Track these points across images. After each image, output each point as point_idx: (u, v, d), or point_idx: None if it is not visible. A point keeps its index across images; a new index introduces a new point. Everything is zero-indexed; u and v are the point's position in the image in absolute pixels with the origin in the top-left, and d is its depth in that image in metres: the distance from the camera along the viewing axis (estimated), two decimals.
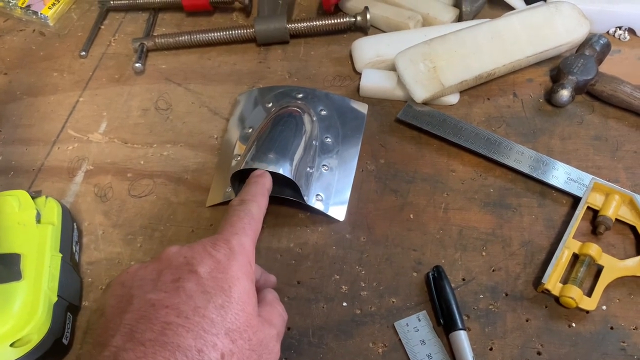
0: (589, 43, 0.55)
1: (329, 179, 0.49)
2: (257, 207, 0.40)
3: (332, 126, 0.52)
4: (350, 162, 0.51)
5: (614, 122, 0.53)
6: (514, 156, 0.49)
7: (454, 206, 0.48)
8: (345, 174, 0.50)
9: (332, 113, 0.53)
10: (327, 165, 0.50)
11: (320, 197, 0.48)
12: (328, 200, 0.48)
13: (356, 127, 0.53)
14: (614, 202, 0.46)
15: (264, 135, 0.47)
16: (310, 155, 0.49)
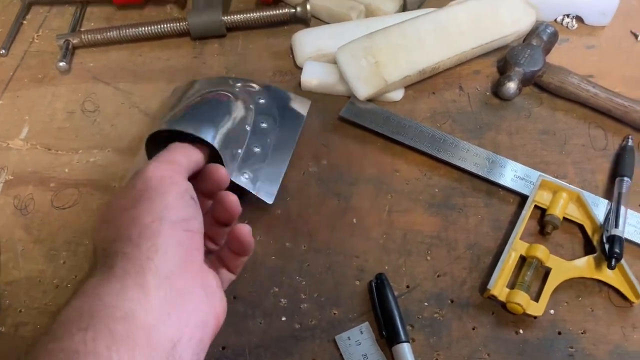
0: (535, 32, 0.53)
1: (260, 161, 0.46)
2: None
3: (270, 114, 0.49)
4: (285, 150, 0.48)
5: (562, 114, 0.51)
6: (459, 154, 0.47)
7: (398, 208, 0.46)
8: (279, 160, 0.47)
9: (272, 103, 0.50)
10: (259, 148, 0.46)
11: (247, 176, 0.44)
12: (256, 181, 0.45)
13: (296, 119, 0.50)
14: (562, 200, 0.44)
15: (189, 106, 0.44)
16: (241, 138, 0.45)
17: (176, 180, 0.34)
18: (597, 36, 0.56)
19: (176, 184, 0.34)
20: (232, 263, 0.37)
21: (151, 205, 0.32)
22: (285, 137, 0.49)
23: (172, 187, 0.33)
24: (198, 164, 0.38)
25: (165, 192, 0.33)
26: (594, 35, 0.57)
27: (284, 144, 0.48)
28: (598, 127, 0.50)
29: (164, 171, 0.34)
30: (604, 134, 0.50)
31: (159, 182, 0.33)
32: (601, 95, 0.50)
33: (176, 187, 0.34)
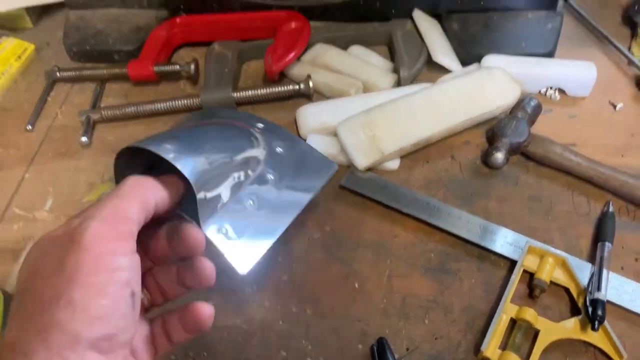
0: (520, 105, 0.58)
1: (249, 217, 0.39)
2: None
3: (283, 166, 0.43)
4: (283, 215, 0.41)
5: (547, 182, 0.55)
6: (453, 221, 0.51)
7: (397, 273, 0.49)
8: (272, 224, 0.40)
9: (290, 154, 0.45)
10: (252, 200, 0.40)
11: (225, 231, 0.37)
12: (235, 241, 0.38)
13: (314, 179, 0.45)
14: (548, 264, 0.47)
15: (184, 129, 0.40)
16: (236, 181, 0.39)
17: (117, 263, 0.29)
18: (578, 106, 0.61)
19: (117, 270, 0.28)
20: (176, 335, 0.34)
21: (72, 315, 0.27)
22: (289, 199, 0.43)
23: (111, 277, 0.28)
24: (162, 205, 0.33)
25: (98, 290, 0.27)
26: (576, 105, 0.61)
27: (285, 207, 0.42)
28: (581, 193, 0.54)
29: (106, 241, 0.29)
30: (587, 200, 0.53)
31: (95, 266, 0.28)
32: (583, 164, 0.54)
33: (115, 278, 0.28)
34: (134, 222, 0.31)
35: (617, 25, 0.68)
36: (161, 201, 0.33)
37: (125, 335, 0.29)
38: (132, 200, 0.31)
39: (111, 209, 0.30)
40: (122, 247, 0.29)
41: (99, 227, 0.29)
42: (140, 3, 0.69)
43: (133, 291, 0.29)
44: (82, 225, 0.29)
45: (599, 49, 0.66)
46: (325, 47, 0.65)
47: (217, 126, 0.41)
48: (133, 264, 0.30)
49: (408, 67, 0.62)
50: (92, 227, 0.29)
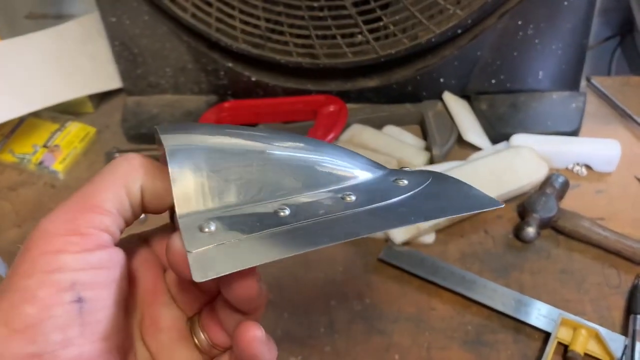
0: (549, 181, 0.61)
1: (270, 221, 0.29)
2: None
3: (383, 192, 0.32)
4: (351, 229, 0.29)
5: (578, 255, 0.57)
6: (488, 294, 0.54)
7: (436, 345, 0.52)
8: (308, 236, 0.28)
9: (415, 183, 0.33)
10: (288, 210, 0.29)
11: (212, 227, 0.27)
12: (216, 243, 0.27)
13: (446, 206, 0.33)
14: (582, 336, 0.49)
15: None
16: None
17: (57, 262, 0.24)
18: (605, 182, 0.64)
19: (54, 271, 0.23)
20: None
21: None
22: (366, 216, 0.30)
23: (44, 279, 0.23)
24: (152, 193, 0.28)
25: (23, 296, 0.23)
26: (602, 181, 0.64)
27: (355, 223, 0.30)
28: (611, 266, 0.56)
29: (53, 237, 0.24)
30: (617, 272, 0.56)
31: (29, 268, 0.23)
32: (611, 238, 0.56)
33: (51, 280, 0.23)
34: (105, 211, 0.26)
35: (639, 103, 0.72)
36: (151, 188, 0.28)
37: (68, 352, 0.23)
38: (107, 184, 0.26)
39: (76, 198, 0.26)
40: (73, 242, 0.24)
41: (50, 222, 0.25)
42: (191, 89, 0.76)
43: (80, 296, 0.24)
44: (40, 221, 0.25)
45: (622, 126, 0.70)
46: (361, 127, 0.70)
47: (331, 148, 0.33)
48: (87, 262, 0.25)
49: (440, 145, 0.66)
50: (41, 222, 0.25)
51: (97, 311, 0.25)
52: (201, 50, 0.70)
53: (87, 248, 0.25)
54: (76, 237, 0.25)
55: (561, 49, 0.66)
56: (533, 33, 0.64)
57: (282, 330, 0.53)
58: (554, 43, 0.65)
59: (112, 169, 0.27)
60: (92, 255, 0.25)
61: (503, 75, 0.69)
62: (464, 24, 0.63)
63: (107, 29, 0.72)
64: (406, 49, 0.65)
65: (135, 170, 0.28)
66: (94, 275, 0.25)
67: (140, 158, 0.28)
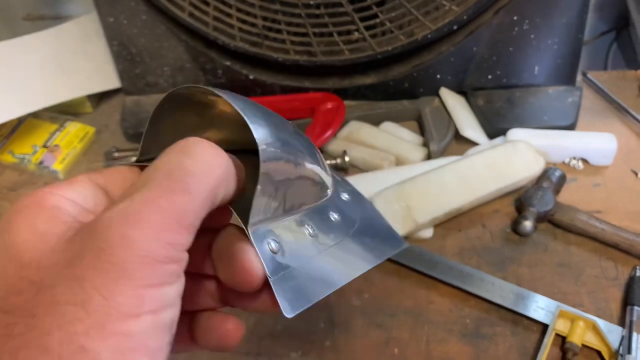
0: (545, 175, 0.61)
1: (306, 245, 0.30)
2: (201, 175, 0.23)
3: (347, 215, 0.34)
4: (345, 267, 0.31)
5: (575, 248, 0.58)
6: (486, 287, 0.54)
7: (434, 338, 0.52)
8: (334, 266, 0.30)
9: (355, 208, 0.37)
10: (312, 229, 0.30)
11: (274, 246, 0.27)
12: (287, 269, 0.27)
13: (378, 248, 0.36)
14: (579, 328, 0.50)
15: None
16: (302, 195, 0.31)
17: (163, 298, 0.21)
18: (601, 175, 0.64)
19: (160, 310, 0.20)
20: (200, 339, 0.28)
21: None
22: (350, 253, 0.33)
23: (152, 322, 0.20)
24: (227, 198, 0.25)
25: (132, 347, 0.19)
26: (599, 174, 0.64)
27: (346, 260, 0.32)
28: (609, 258, 0.56)
29: (150, 264, 0.20)
30: (614, 265, 0.56)
31: (135, 305, 0.20)
32: (608, 231, 0.56)
33: (158, 323, 0.20)
34: (195, 229, 0.22)
35: (635, 97, 0.72)
36: (228, 194, 0.25)
37: None
38: (200, 192, 0.22)
39: (167, 210, 0.21)
40: (174, 272, 0.21)
41: (149, 244, 0.20)
42: None
43: (173, 334, 0.21)
44: (127, 234, 0.20)
45: (618, 119, 0.70)
46: (359, 124, 0.71)
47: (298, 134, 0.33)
48: (181, 292, 0.22)
49: (437, 141, 0.67)
50: (138, 240, 0.20)
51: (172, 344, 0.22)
52: (199, 49, 0.71)
53: (180, 275, 0.22)
54: (175, 265, 0.21)
55: (557, 44, 0.66)
56: (529, 28, 0.65)
57: (282, 326, 0.54)
58: (550, 38, 0.66)
59: (205, 173, 0.23)
60: (182, 282, 0.22)
61: (499, 71, 0.69)
62: (460, 20, 0.63)
63: (105, 29, 0.72)
64: (402, 46, 0.66)
65: (225, 177, 0.24)
66: (179, 305, 0.22)
67: (224, 155, 0.25)
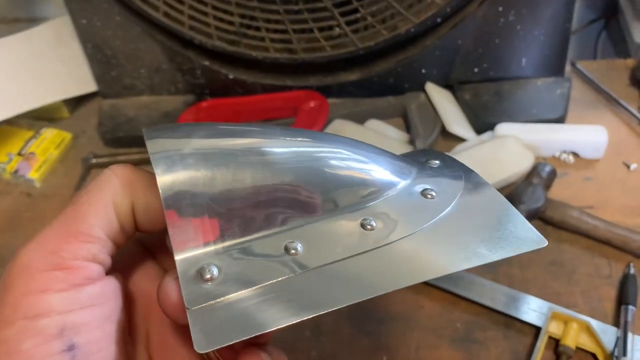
0: (535, 171, 0.59)
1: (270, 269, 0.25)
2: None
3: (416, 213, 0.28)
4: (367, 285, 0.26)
5: (568, 245, 0.56)
6: (476, 289, 0.52)
7: (424, 344, 0.50)
8: (320, 293, 0.25)
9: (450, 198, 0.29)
10: (298, 247, 0.26)
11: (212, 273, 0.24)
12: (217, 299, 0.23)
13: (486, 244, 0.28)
14: (573, 330, 0.48)
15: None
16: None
17: (43, 304, 0.21)
18: (593, 169, 0.62)
19: (40, 316, 0.20)
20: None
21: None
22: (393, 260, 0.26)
23: (28, 326, 0.20)
24: (150, 212, 0.24)
25: (6, 350, 0.20)
26: (590, 168, 0.63)
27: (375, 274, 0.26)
28: (602, 256, 0.55)
29: (35, 273, 0.21)
30: (608, 262, 0.54)
31: (10, 313, 0.20)
32: (600, 227, 0.55)
33: (36, 328, 0.20)
34: (92, 238, 0.22)
35: (625, 86, 0.70)
36: (144, 205, 0.24)
37: None
38: (92, 206, 0.23)
39: (58, 225, 0.22)
40: (59, 278, 0.21)
41: (30, 254, 0.21)
42: (168, 90, 0.74)
43: (72, 343, 0.21)
44: (17, 253, 0.22)
45: (609, 110, 0.68)
46: (343, 122, 0.69)
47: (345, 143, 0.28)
48: (76, 301, 0.21)
49: (423, 138, 0.65)
50: (19, 254, 0.22)
51: (92, 355, 0.22)
52: (176, 49, 0.68)
53: (75, 283, 0.22)
54: (61, 271, 0.21)
55: (544, 35, 0.64)
56: (514, 19, 0.63)
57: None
58: (536, 29, 0.64)
59: (98, 186, 0.24)
60: (82, 292, 0.22)
61: (486, 64, 0.67)
62: (444, 13, 0.61)
63: (79, 32, 0.70)
64: (386, 40, 0.64)
65: (124, 185, 0.24)
66: (85, 315, 0.22)
67: (129, 169, 0.25)
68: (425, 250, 0.27)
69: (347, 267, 0.26)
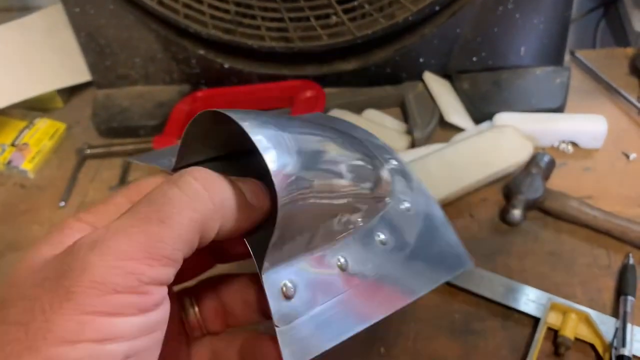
0: (534, 161, 0.59)
1: (331, 286, 0.27)
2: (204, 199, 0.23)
3: (404, 233, 0.31)
4: (382, 301, 0.29)
5: (567, 236, 0.56)
6: (475, 281, 0.52)
7: (422, 336, 0.50)
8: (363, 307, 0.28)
9: (417, 220, 0.33)
10: (344, 261, 0.28)
11: (290, 290, 0.26)
12: (296, 319, 0.26)
13: (435, 269, 0.33)
14: (572, 321, 0.48)
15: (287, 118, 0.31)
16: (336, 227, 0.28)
17: (111, 329, 0.19)
18: (592, 159, 0.62)
19: (107, 341, 0.19)
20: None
21: None
22: (394, 282, 0.30)
23: (93, 352, 0.19)
24: (231, 229, 0.24)
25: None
26: (589, 157, 0.62)
27: (385, 292, 0.30)
28: (601, 246, 0.54)
29: (104, 293, 0.19)
30: (607, 252, 0.54)
31: (74, 332, 0.19)
32: (600, 217, 0.54)
33: (101, 354, 0.19)
34: (173, 263, 0.21)
35: (624, 75, 0.70)
36: (230, 228, 0.24)
37: None
38: (184, 227, 0.21)
39: (141, 239, 0.20)
40: (133, 304, 0.20)
41: (107, 268, 0.19)
42: (163, 79, 0.73)
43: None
44: (86, 258, 0.20)
45: (608, 100, 0.68)
46: (341, 112, 0.68)
47: (337, 133, 0.29)
48: (145, 327, 0.21)
49: (421, 128, 0.64)
50: (95, 266, 0.19)
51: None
52: (170, 38, 0.68)
53: (146, 309, 0.21)
54: (137, 296, 0.20)
55: (543, 23, 0.63)
56: (513, 7, 0.62)
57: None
58: (535, 17, 0.63)
59: (188, 204, 0.22)
60: (149, 317, 0.21)
61: (484, 53, 0.67)
62: (442, 1, 0.61)
63: (72, 20, 0.69)
64: (383, 29, 0.63)
65: (215, 209, 0.23)
66: (148, 340, 0.21)
67: (215, 180, 0.24)
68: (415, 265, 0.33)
69: (380, 281, 0.30)
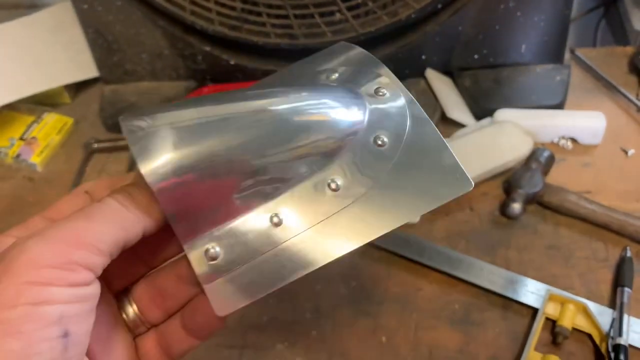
0: (534, 156, 0.60)
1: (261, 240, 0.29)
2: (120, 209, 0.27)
3: (375, 168, 0.30)
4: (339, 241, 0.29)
5: (565, 229, 0.57)
6: (475, 272, 0.53)
7: (423, 325, 0.51)
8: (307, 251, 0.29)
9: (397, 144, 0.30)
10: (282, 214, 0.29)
11: (215, 251, 0.28)
12: (226, 273, 0.28)
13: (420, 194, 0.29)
14: (569, 311, 0.49)
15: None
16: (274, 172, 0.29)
17: (46, 294, 0.23)
18: (591, 154, 0.63)
19: (42, 303, 0.22)
20: (177, 345, 0.30)
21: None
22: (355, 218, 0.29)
23: (31, 311, 0.22)
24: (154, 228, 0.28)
25: (7, 329, 0.22)
26: (588, 153, 0.63)
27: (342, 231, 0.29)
28: (599, 239, 0.55)
29: (42, 267, 0.23)
30: (605, 246, 0.55)
31: (14, 297, 0.22)
32: (598, 211, 0.55)
33: (37, 313, 0.22)
34: (99, 252, 0.25)
35: (624, 73, 0.71)
36: (152, 228, 0.28)
37: None
38: (107, 226, 0.25)
39: (70, 231, 0.25)
40: (63, 277, 0.23)
41: (41, 249, 0.23)
42: (169, 75, 0.74)
43: (67, 331, 0.23)
44: (23, 244, 0.24)
45: (608, 97, 0.69)
46: None
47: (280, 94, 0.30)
48: (75, 296, 0.24)
49: None
50: (30, 248, 0.23)
51: (79, 345, 0.24)
52: (177, 34, 0.69)
53: (74, 283, 0.24)
54: (66, 271, 0.24)
55: (544, 21, 0.64)
56: (515, 5, 0.63)
57: (268, 317, 0.53)
58: (536, 15, 0.64)
59: (114, 210, 0.26)
60: (79, 290, 0.24)
61: (486, 50, 0.68)
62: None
63: (80, 17, 0.70)
64: (386, 26, 0.64)
65: (138, 218, 0.27)
66: (79, 308, 0.24)
67: (146, 199, 0.27)
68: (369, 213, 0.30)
69: (321, 230, 0.29)
